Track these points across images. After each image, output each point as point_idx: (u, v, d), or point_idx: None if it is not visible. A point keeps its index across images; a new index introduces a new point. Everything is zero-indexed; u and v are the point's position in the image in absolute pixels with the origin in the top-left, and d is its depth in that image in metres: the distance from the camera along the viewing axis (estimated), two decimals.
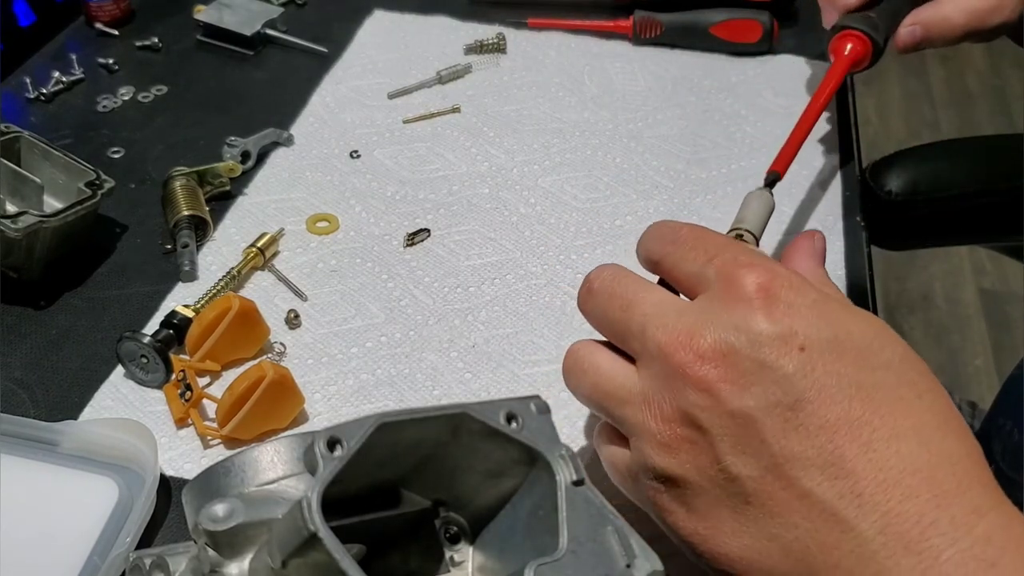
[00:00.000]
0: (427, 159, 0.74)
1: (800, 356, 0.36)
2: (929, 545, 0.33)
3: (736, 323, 0.37)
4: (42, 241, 0.60)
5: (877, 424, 0.35)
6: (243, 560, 0.36)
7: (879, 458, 0.34)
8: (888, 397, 0.36)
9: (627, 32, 0.86)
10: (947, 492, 0.34)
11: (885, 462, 0.34)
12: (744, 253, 0.40)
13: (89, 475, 0.50)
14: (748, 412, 0.36)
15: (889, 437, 0.35)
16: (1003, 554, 0.33)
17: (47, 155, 0.65)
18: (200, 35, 0.87)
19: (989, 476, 0.35)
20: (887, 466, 0.34)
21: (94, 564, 0.46)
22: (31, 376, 0.57)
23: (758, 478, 0.36)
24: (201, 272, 0.63)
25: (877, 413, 0.35)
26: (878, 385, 0.36)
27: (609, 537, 0.37)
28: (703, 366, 0.37)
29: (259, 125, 0.75)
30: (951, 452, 0.35)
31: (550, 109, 0.79)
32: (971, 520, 0.33)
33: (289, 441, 0.39)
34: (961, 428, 0.36)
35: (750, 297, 0.37)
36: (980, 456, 0.36)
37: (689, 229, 0.42)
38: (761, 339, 0.36)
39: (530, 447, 0.38)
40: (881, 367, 0.36)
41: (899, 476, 0.34)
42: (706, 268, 0.40)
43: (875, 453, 0.35)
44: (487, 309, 0.61)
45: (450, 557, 0.40)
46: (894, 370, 0.36)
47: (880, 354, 0.37)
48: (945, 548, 0.33)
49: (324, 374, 0.57)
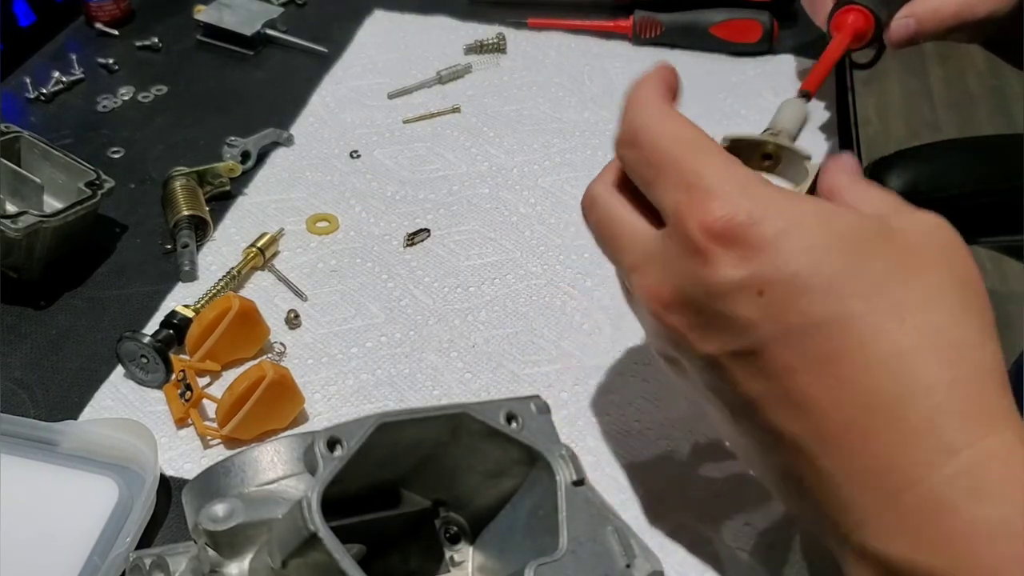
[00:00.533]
0: (427, 159, 0.74)
1: (758, 301, 0.35)
2: (888, 483, 0.33)
3: (692, 272, 0.36)
4: (42, 241, 0.60)
5: (842, 360, 0.34)
6: (243, 560, 0.37)
7: (843, 397, 0.34)
8: (859, 327, 0.34)
9: (627, 32, 0.86)
10: (914, 430, 0.33)
11: (850, 399, 0.34)
12: (698, 178, 0.36)
13: (89, 475, 0.50)
14: (714, 357, 0.37)
15: (856, 372, 0.34)
16: (968, 498, 0.32)
17: (47, 155, 0.65)
18: (200, 35, 0.87)
19: (977, 405, 0.33)
20: (850, 404, 0.34)
21: (94, 564, 0.46)
22: (31, 376, 0.57)
23: (729, 413, 0.38)
24: (201, 272, 0.63)
25: (844, 347, 0.34)
26: (849, 316, 0.34)
27: (609, 537, 0.37)
28: (670, 315, 0.38)
29: (259, 125, 0.75)
30: (929, 383, 0.33)
31: (550, 109, 0.79)
32: (937, 460, 0.32)
33: (289, 441, 0.39)
34: (953, 351, 0.34)
35: (703, 245, 0.35)
36: (971, 380, 0.33)
37: (647, 134, 0.39)
38: (717, 289, 0.35)
39: (530, 447, 0.38)
40: (858, 293, 0.34)
41: (862, 415, 0.34)
42: (662, 197, 0.38)
43: (840, 391, 0.34)
44: (487, 309, 0.61)
45: (450, 557, 0.40)
46: (878, 287, 0.34)
47: (863, 272, 0.34)
48: (904, 489, 0.33)
49: (324, 374, 0.57)
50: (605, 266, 0.64)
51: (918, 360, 0.33)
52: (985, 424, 0.33)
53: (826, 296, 0.34)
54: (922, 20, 0.63)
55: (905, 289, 0.35)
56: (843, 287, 0.34)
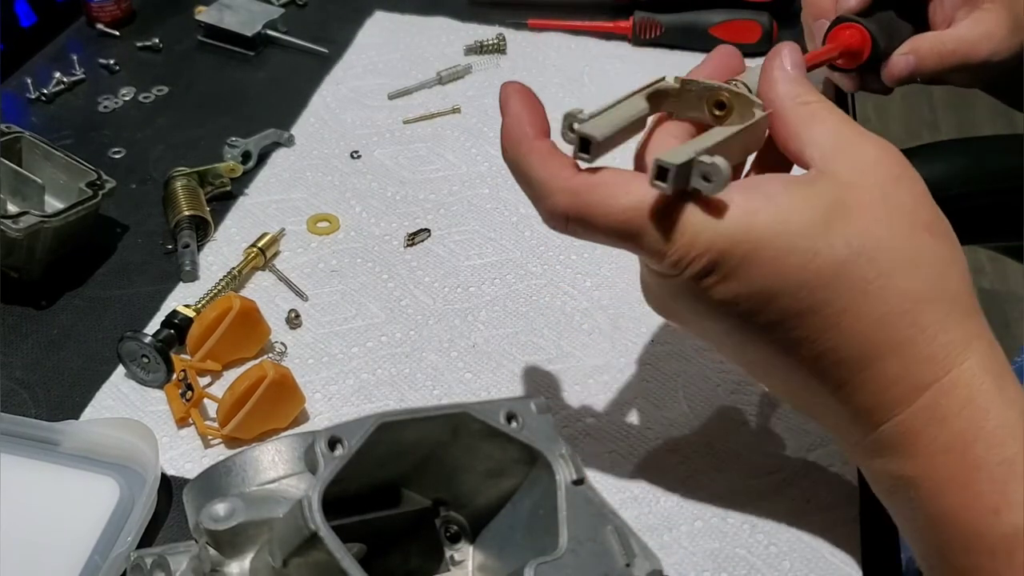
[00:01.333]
0: (427, 159, 0.74)
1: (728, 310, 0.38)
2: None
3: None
4: (43, 241, 0.60)
5: (814, 351, 0.38)
6: (244, 559, 0.37)
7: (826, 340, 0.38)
8: (830, 313, 0.37)
9: (627, 33, 0.86)
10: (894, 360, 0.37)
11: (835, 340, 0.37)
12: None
13: (90, 475, 0.50)
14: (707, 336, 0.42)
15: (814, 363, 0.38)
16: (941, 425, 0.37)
17: (48, 155, 0.65)
18: (201, 36, 0.87)
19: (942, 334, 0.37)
20: (834, 344, 0.38)
21: (95, 563, 0.46)
22: (32, 376, 0.57)
23: (752, 356, 0.41)
24: (202, 272, 0.63)
25: (823, 334, 0.37)
26: (816, 307, 0.37)
27: (609, 536, 0.37)
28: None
29: (260, 125, 0.75)
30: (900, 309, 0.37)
31: (550, 109, 0.78)
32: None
33: (290, 441, 0.39)
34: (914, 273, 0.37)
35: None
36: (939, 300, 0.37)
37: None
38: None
39: (530, 447, 0.38)
40: (823, 284, 0.37)
41: (849, 350, 0.38)
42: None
43: (824, 334, 0.38)
44: (487, 309, 0.62)
45: (450, 556, 0.41)
46: (847, 266, 0.37)
47: (826, 259, 0.37)
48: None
49: (325, 374, 0.57)
50: (605, 266, 0.65)
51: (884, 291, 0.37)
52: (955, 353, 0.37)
53: (794, 297, 0.37)
54: (923, 57, 0.63)
55: (846, 225, 0.37)
56: (805, 283, 0.37)
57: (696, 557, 0.48)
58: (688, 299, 0.39)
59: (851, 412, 0.39)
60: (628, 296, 0.62)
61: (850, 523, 0.49)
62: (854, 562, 0.48)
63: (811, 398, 0.40)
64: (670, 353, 0.59)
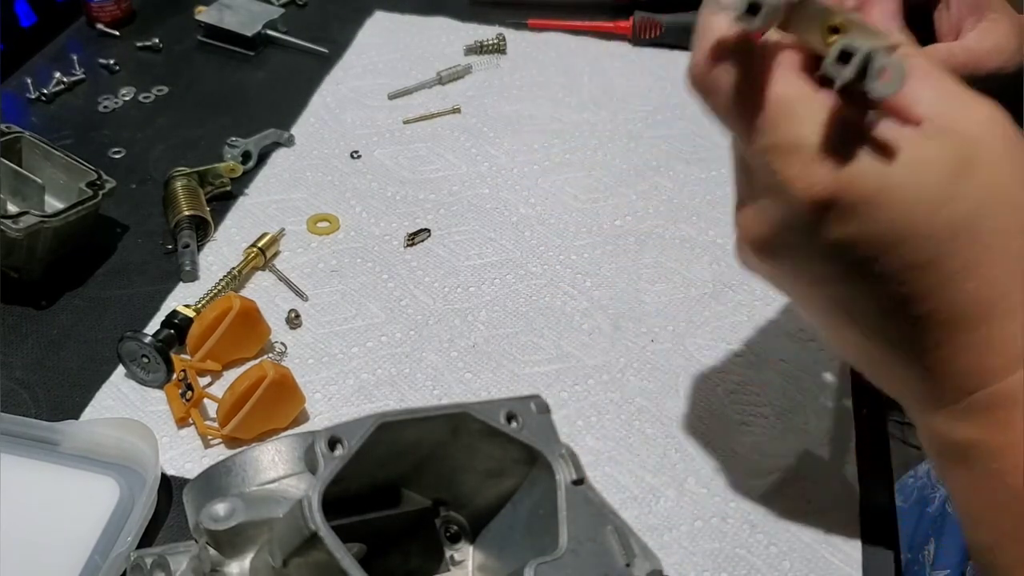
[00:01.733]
0: (427, 159, 0.74)
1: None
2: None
3: None
4: (43, 241, 0.60)
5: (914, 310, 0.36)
6: (244, 559, 0.37)
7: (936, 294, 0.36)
8: (951, 267, 0.36)
9: (627, 33, 0.86)
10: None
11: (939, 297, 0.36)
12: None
13: (90, 475, 0.50)
14: None
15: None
16: None
17: (48, 155, 0.65)
18: (201, 36, 0.87)
19: None
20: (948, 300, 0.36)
21: (95, 563, 0.46)
22: (32, 376, 0.57)
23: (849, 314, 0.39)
24: (202, 272, 0.63)
25: (938, 290, 0.36)
26: (938, 260, 0.36)
27: (609, 536, 0.37)
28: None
29: (260, 125, 0.75)
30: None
31: (550, 109, 0.79)
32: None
33: (290, 441, 0.39)
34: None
35: None
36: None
37: None
38: None
39: (530, 446, 0.38)
40: (950, 236, 0.35)
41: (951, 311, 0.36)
42: None
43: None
44: (487, 309, 0.62)
45: (450, 556, 0.41)
46: (974, 219, 0.35)
47: (954, 211, 0.35)
48: None
49: (325, 374, 0.57)
50: (605, 266, 0.65)
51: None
52: None
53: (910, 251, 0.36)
54: None
55: (973, 179, 0.36)
56: (917, 236, 0.36)
57: (696, 557, 0.48)
58: (802, 235, 0.37)
59: (941, 375, 0.37)
60: (628, 296, 0.62)
61: (850, 523, 0.49)
62: (854, 562, 0.48)
63: (895, 359, 0.38)
64: (670, 353, 0.59)
